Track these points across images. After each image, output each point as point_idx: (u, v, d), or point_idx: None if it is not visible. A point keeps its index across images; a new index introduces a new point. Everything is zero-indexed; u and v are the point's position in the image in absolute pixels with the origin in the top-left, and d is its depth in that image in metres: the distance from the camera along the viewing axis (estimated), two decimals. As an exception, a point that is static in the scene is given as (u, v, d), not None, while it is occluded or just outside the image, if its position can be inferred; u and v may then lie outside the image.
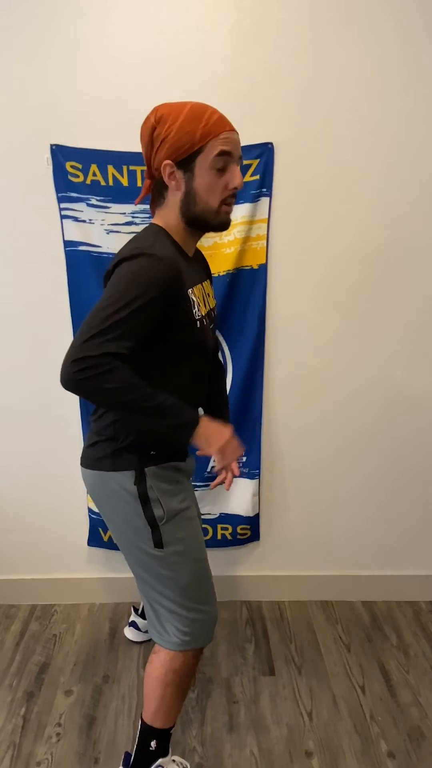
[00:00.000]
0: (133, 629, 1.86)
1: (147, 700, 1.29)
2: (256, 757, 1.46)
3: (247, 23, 1.54)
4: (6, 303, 1.76)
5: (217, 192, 1.12)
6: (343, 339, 1.82)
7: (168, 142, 1.08)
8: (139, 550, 1.22)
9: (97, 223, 1.65)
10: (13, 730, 1.54)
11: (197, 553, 1.26)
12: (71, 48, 1.55)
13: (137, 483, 1.18)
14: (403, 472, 1.96)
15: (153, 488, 1.19)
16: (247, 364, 1.80)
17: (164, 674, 1.25)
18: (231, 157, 1.11)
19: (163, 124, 1.09)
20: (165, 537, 1.20)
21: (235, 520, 1.96)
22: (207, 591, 1.29)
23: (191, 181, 1.11)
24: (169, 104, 1.11)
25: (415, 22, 1.55)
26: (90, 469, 1.24)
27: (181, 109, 1.09)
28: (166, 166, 1.10)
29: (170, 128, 1.08)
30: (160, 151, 1.10)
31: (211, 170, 1.10)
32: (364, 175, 1.67)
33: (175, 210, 1.15)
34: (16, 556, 2.03)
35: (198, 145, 1.08)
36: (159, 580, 1.23)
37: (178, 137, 1.08)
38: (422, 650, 1.84)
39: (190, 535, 1.25)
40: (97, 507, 1.29)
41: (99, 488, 1.24)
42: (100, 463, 1.22)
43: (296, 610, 2.03)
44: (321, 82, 1.59)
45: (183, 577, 1.22)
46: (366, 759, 1.46)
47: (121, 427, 1.19)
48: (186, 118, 1.08)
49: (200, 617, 1.26)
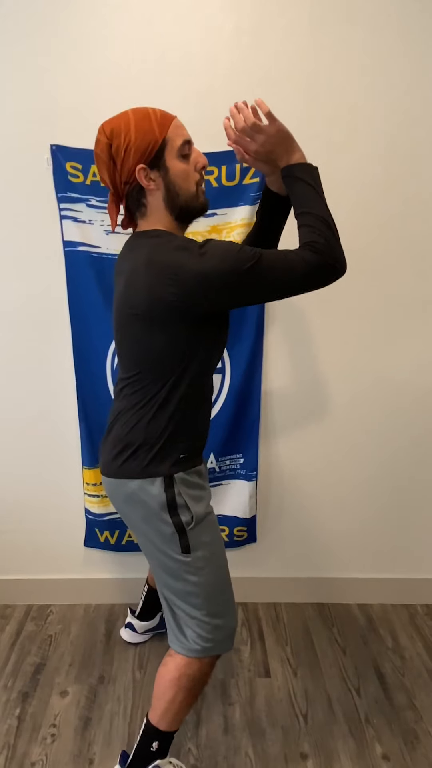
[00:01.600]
0: (130, 631, 1.86)
1: (156, 701, 1.28)
2: (252, 759, 1.46)
3: (247, 25, 1.55)
4: (5, 302, 1.76)
5: (191, 176, 1.15)
6: (342, 341, 1.82)
7: (132, 148, 1.09)
8: (166, 556, 1.21)
9: (96, 223, 1.65)
10: (8, 730, 1.54)
11: (221, 560, 1.26)
12: (71, 48, 1.55)
13: (166, 489, 1.18)
14: (400, 475, 1.97)
15: (181, 494, 1.19)
16: (245, 365, 1.80)
17: (178, 678, 1.24)
18: (190, 142, 1.15)
19: (117, 137, 1.09)
20: (192, 542, 1.19)
21: (232, 522, 1.96)
22: (229, 598, 1.28)
23: (167, 175, 1.12)
24: (112, 119, 1.13)
25: (415, 23, 1.56)
26: (116, 477, 1.23)
27: (126, 117, 1.11)
28: (140, 171, 1.10)
29: (127, 136, 1.09)
30: (125, 161, 1.10)
31: (179, 159, 1.13)
32: (364, 175, 1.67)
33: (160, 210, 1.16)
34: (12, 556, 2.03)
35: (160, 139, 1.10)
36: (185, 585, 1.21)
37: (140, 140, 1.08)
38: (417, 653, 1.84)
39: (215, 540, 1.25)
40: (122, 515, 1.27)
41: (125, 496, 1.22)
42: (126, 472, 1.20)
43: (292, 612, 2.03)
44: (321, 83, 1.59)
45: (208, 583, 1.22)
46: (361, 761, 1.46)
47: (151, 435, 1.18)
48: (137, 121, 1.09)
49: (222, 624, 1.25)
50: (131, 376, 1.19)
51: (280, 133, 1.11)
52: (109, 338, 1.74)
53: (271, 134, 1.11)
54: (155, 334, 1.11)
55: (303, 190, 1.12)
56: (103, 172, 1.14)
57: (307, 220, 1.10)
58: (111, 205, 1.19)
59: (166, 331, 1.11)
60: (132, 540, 1.98)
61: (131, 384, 1.19)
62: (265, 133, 1.11)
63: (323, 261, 1.06)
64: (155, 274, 1.07)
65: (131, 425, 1.20)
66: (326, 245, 1.07)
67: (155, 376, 1.15)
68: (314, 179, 1.13)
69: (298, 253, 1.07)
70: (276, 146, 1.13)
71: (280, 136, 1.11)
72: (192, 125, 1.45)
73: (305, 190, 1.12)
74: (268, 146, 1.13)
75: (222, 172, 1.62)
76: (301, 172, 1.13)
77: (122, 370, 1.23)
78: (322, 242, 1.07)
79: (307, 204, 1.11)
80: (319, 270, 1.07)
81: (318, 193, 1.12)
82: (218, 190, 1.63)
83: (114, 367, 1.79)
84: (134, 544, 1.97)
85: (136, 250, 1.14)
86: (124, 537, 1.98)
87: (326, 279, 1.09)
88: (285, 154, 1.14)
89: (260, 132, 1.11)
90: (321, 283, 1.09)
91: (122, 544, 1.98)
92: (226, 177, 1.62)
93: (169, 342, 1.12)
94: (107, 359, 1.78)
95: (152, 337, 1.12)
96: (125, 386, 1.21)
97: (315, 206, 1.10)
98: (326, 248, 1.07)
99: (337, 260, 1.08)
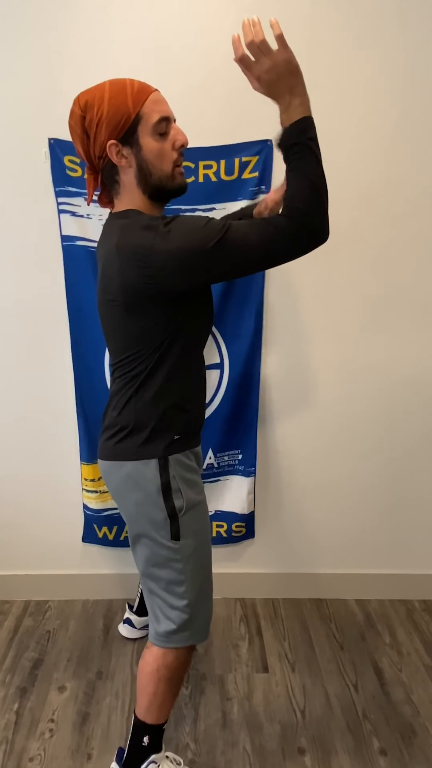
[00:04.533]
0: (128, 626, 1.86)
1: (139, 695, 1.29)
2: (249, 754, 1.47)
3: (247, 17, 1.53)
4: (3, 297, 1.75)
5: (167, 156, 1.11)
6: (341, 336, 1.82)
7: (104, 122, 1.06)
8: (155, 543, 1.20)
9: (95, 217, 1.65)
10: (6, 725, 1.54)
11: (207, 549, 1.27)
12: (69, 41, 1.54)
13: (161, 472, 1.17)
14: (399, 472, 1.97)
15: (176, 478, 1.18)
16: (243, 360, 1.80)
17: (156, 670, 1.25)
18: (168, 119, 1.11)
19: (91, 109, 1.06)
20: (182, 529, 1.19)
21: (230, 518, 1.96)
22: (209, 588, 1.29)
23: (140, 153, 1.09)
24: (88, 90, 1.09)
25: (415, 22, 1.55)
26: (109, 460, 1.22)
27: (102, 88, 1.07)
28: (111, 147, 1.07)
29: (100, 108, 1.05)
30: (98, 135, 1.07)
31: (154, 136, 1.09)
32: (363, 172, 1.67)
33: (133, 188, 1.13)
34: (10, 551, 2.03)
35: (133, 114, 1.06)
36: (170, 573, 1.21)
37: (112, 113, 1.05)
38: (415, 648, 1.84)
39: (203, 529, 1.25)
40: (114, 498, 1.27)
41: (119, 480, 1.21)
42: (121, 454, 1.19)
43: (290, 608, 2.04)
44: (320, 79, 1.58)
45: (193, 572, 1.22)
46: (358, 756, 1.46)
47: (142, 416, 1.17)
48: (111, 94, 1.06)
49: (201, 614, 1.25)
50: (119, 361, 1.19)
51: (287, 65, 0.99)
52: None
53: (277, 62, 0.98)
54: (134, 317, 1.10)
55: (294, 150, 1.03)
56: (78, 145, 1.12)
57: (292, 181, 1.03)
58: (89, 178, 1.17)
59: (144, 313, 1.10)
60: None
61: (119, 368, 1.19)
62: (273, 58, 0.98)
63: (297, 228, 1.01)
64: (125, 259, 1.06)
65: (120, 407, 1.20)
66: (304, 211, 1.01)
67: (140, 359, 1.14)
68: (308, 137, 1.02)
69: (270, 221, 1.04)
70: (280, 78, 1.00)
71: (287, 68, 0.99)
72: (191, 118, 1.45)
73: (297, 149, 1.02)
74: (272, 74, 0.99)
75: (221, 166, 1.61)
76: (296, 135, 1.02)
77: (111, 357, 1.23)
78: (301, 207, 1.01)
79: (295, 164, 1.03)
80: (292, 237, 1.02)
81: (310, 153, 1.02)
82: (217, 185, 1.62)
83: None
84: (132, 540, 1.97)
85: (108, 235, 1.13)
86: (122, 533, 1.97)
87: (302, 246, 1.04)
88: (288, 93, 1.01)
89: (268, 55, 0.98)
90: (297, 251, 1.04)
91: (120, 540, 1.98)
92: (225, 171, 1.62)
93: (149, 323, 1.11)
94: (105, 354, 1.77)
95: (132, 320, 1.11)
96: (115, 371, 1.22)
97: (303, 166, 1.02)
98: (303, 214, 1.01)
99: (316, 226, 1.02)
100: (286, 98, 1.01)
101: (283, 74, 0.99)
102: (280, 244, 1.03)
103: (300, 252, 1.05)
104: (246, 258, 1.04)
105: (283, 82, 1.00)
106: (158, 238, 1.02)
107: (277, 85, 1.01)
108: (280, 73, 0.99)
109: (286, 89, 1.01)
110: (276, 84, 1.01)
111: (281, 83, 1.00)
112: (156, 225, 1.04)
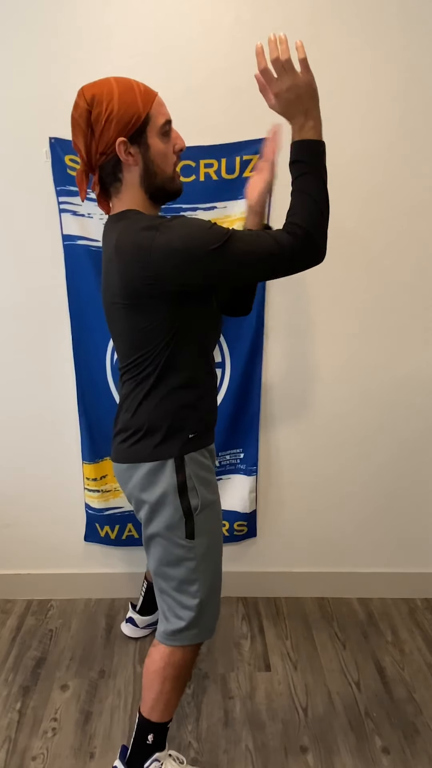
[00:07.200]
0: (131, 625, 1.86)
1: (145, 693, 1.29)
2: (252, 753, 1.47)
3: (247, 17, 1.53)
4: (4, 296, 1.75)
5: (169, 158, 1.12)
6: (342, 335, 1.82)
7: (114, 119, 1.04)
8: (170, 542, 1.20)
9: (96, 217, 1.64)
10: (9, 724, 1.55)
11: (219, 548, 1.27)
12: (70, 40, 1.54)
13: (178, 471, 1.17)
14: (400, 470, 1.97)
15: (191, 477, 1.18)
16: (245, 360, 1.79)
17: (163, 668, 1.25)
18: (170, 122, 1.12)
19: (99, 104, 1.04)
20: (197, 528, 1.19)
21: (232, 517, 1.96)
22: (219, 587, 1.29)
23: (147, 152, 1.09)
24: (93, 84, 1.08)
25: (415, 21, 1.54)
26: (126, 462, 1.22)
27: (109, 84, 1.06)
28: (120, 144, 1.06)
29: (110, 105, 1.04)
30: (105, 131, 1.05)
31: (161, 138, 1.09)
32: (364, 171, 1.66)
33: (135, 187, 1.13)
34: (12, 550, 2.03)
35: (144, 114, 1.06)
36: (183, 573, 1.21)
37: (123, 111, 1.04)
38: (417, 647, 1.84)
39: (217, 528, 1.25)
40: (130, 500, 1.26)
41: (135, 482, 1.21)
42: (137, 456, 1.19)
43: (292, 607, 2.04)
44: (321, 77, 1.56)
45: (206, 571, 1.22)
46: (360, 755, 1.46)
47: (156, 416, 1.17)
48: (121, 91, 1.05)
49: (210, 612, 1.26)
50: (128, 364, 1.19)
51: (308, 88, 1.01)
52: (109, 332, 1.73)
53: (299, 83, 1.00)
54: (138, 318, 1.10)
55: (302, 169, 1.06)
56: (78, 138, 1.10)
57: (297, 199, 1.05)
58: (81, 175, 1.15)
59: (147, 313, 1.10)
60: (132, 535, 1.98)
61: (129, 371, 1.19)
62: (295, 78, 1.00)
63: (299, 247, 1.03)
64: (125, 260, 1.06)
65: (133, 410, 1.19)
66: (307, 230, 1.03)
67: (149, 360, 1.14)
68: (317, 158, 1.06)
69: (273, 236, 1.04)
70: (299, 99, 1.02)
71: (307, 90, 1.01)
72: (192, 117, 1.44)
73: (304, 168, 1.06)
74: (291, 94, 1.01)
75: (222, 164, 1.61)
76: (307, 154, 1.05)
77: (121, 359, 1.23)
78: (303, 226, 1.03)
79: (301, 183, 1.06)
80: (293, 255, 1.04)
81: (316, 173, 1.05)
82: (218, 183, 1.62)
83: (114, 361, 1.78)
84: (134, 539, 1.98)
85: (108, 237, 1.13)
86: (124, 532, 1.98)
87: (300, 264, 1.06)
88: (303, 115, 1.03)
89: (291, 74, 1.00)
90: (294, 268, 1.06)
91: (122, 539, 1.98)
92: (226, 170, 1.61)
93: (154, 324, 1.10)
94: (107, 353, 1.77)
95: (137, 321, 1.11)
96: (124, 374, 1.22)
97: (309, 186, 1.05)
98: (305, 233, 1.03)
99: (315, 247, 1.04)
100: (300, 119, 1.04)
101: (303, 96, 1.02)
102: (279, 258, 1.04)
103: (298, 268, 1.07)
104: (245, 267, 1.05)
105: (300, 103, 1.03)
106: (158, 239, 1.02)
107: (295, 105, 1.03)
108: (300, 95, 1.02)
109: (302, 111, 1.03)
110: (294, 104, 1.03)
111: (299, 104, 1.03)
112: (156, 225, 1.04)
